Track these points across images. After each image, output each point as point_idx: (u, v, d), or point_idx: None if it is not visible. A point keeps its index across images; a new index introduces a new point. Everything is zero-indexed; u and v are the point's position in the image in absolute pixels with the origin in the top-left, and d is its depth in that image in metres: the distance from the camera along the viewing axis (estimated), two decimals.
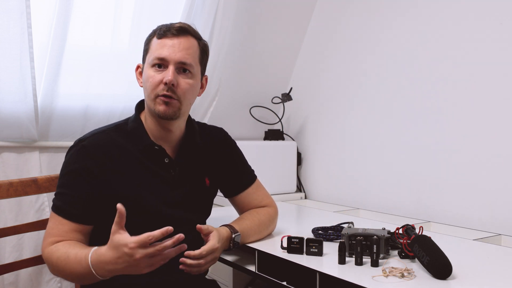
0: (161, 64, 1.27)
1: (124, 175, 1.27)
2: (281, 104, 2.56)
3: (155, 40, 1.30)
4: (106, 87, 2.06)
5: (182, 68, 1.29)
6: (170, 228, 1.07)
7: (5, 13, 1.71)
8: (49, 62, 1.87)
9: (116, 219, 1.08)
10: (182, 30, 1.29)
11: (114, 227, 1.08)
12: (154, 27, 1.36)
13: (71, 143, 1.98)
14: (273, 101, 2.54)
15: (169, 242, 1.07)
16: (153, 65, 1.28)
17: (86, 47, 1.97)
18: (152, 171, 1.31)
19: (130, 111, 1.97)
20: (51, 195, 1.95)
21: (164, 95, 1.26)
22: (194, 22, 2.14)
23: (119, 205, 1.07)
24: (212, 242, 1.23)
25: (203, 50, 1.35)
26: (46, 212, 1.93)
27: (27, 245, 1.89)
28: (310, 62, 2.58)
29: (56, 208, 1.25)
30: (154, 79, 1.27)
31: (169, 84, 1.25)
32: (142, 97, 1.42)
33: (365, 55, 2.26)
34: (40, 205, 1.92)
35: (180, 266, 1.19)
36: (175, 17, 2.12)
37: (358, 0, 2.32)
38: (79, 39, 1.93)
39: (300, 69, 2.63)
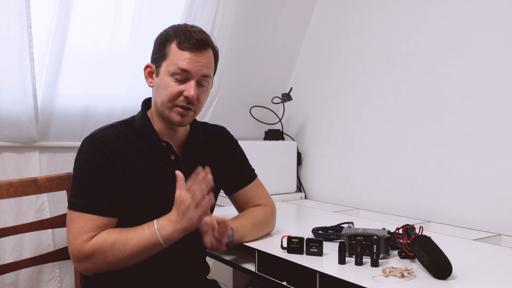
0: (181, 75, 1.28)
1: (137, 169, 1.28)
2: (281, 104, 2.55)
3: (175, 48, 1.28)
4: (106, 87, 2.06)
5: (201, 80, 1.31)
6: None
7: (5, 13, 1.71)
8: (49, 62, 1.87)
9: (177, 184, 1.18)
10: (203, 44, 1.29)
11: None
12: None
13: (71, 143, 2.03)
14: (273, 101, 2.53)
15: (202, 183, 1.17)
16: (173, 75, 1.28)
17: (86, 46, 1.97)
18: (160, 167, 1.32)
19: (130, 111, 1.99)
20: (51, 195, 1.97)
21: (182, 106, 1.29)
22: (194, 22, 2.14)
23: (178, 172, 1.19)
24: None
25: (216, 59, 1.37)
26: (46, 212, 1.93)
27: (27, 245, 1.89)
28: (310, 62, 2.58)
29: (83, 207, 1.22)
30: (173, 89, 1.27)
31: (191, 99, 1.28)
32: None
33: (365, 55, 2.26)
34: (40, 205, 1.92)
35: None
36: (175, 17, 2.12)
37: (358, 0, 2.32)
38: (79, 39, 1.93)
39: (300, 69, 2.63)
